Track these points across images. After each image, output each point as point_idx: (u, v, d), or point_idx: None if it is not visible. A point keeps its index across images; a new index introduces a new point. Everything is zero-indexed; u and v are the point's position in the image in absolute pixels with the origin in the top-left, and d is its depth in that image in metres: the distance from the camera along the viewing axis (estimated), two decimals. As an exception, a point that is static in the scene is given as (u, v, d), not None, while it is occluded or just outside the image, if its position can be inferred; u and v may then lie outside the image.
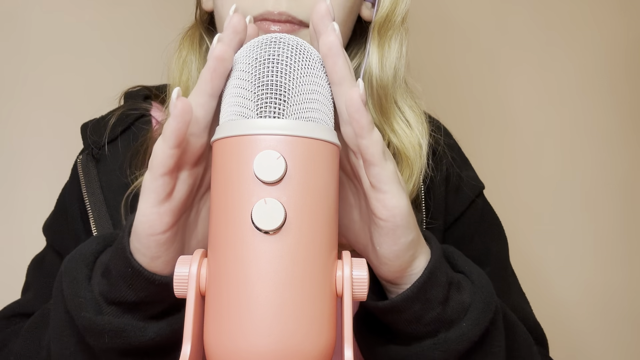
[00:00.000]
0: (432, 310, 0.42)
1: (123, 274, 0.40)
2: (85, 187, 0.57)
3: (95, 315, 0.40)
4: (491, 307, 0.44)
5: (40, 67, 0.89)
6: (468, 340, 0.43)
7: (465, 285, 0.44)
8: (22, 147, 0.89)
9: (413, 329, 0.43)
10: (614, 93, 1.07)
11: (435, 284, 0.42)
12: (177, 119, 0.34)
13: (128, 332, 0.40)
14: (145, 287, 0.40)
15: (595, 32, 1.07)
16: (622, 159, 1.07)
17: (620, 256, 1.07)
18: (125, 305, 0.41)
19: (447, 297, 0.43)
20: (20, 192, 0.88)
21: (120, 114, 0.61)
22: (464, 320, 0.43)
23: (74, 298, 0.41)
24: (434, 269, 0.42)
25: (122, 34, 0.91)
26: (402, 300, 0.42)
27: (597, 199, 1.06)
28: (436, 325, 0.43)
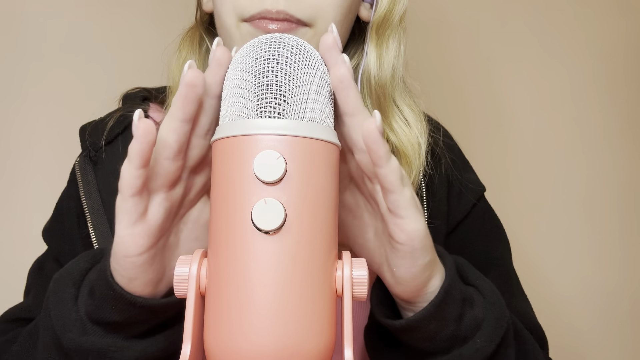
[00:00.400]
0: (447, 328, 0.43)
1: (106, 295, 0.40)
2: (82, 190, 0.57)
3: (80, 336, 0.41)
4: (503, 322, 0.45)
5: (40, 68, 0.89)
6: (482, 356, 0.43)
7: (477, 300, 0.45)
8: (22, 148, 0.89)
9: (427, 346, 0.44)
10: (614, 94, 1.07)
11: (450, 302, 0.42)
12: (140, 139, 0.34)
13: (112, 352, 0.41)
14: (127, 309, 0.40)
15: (595, 33, 1.07)
16: (621, 159, 1.07)
17: (620, 256, 1.07)
18: (110, 325, 0.41)
19: (462, 314, 0.43)
20: (21, 193, 0.88)
21: (118, 116, 0.61)
22: (478, 336, 0.43)
23: (60, 319, 0.42)
24: (449, 287, 0.42)
25: (122, 35, 0.92)
26: (418, 320, 0.42)
27: (597, 199, 1.06)
28: (450, 342, 0.43)
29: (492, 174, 1.00)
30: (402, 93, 0.57)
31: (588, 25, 1.07)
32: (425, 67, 0.99)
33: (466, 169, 0.65)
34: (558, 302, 1.04)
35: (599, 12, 1.07)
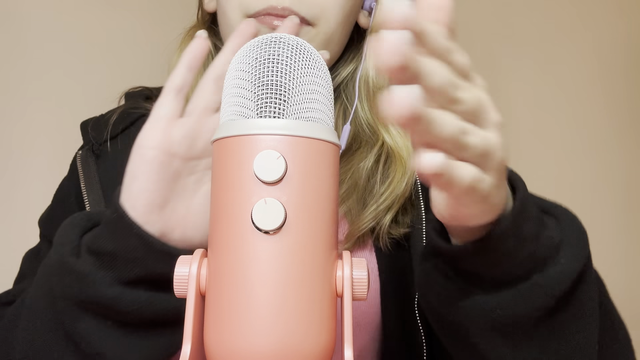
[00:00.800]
0: (525, 248, 0.37)
1: (108, 220, 0.41)
2: (84, 182, 0.58)
3: (69, 256, 0.41)
4: (585, 241, 0.39)
5: (40, 68, 0.89)
6: (570, 277, 0.37)
7: (548, 221, 0.39)
8: (23, 148, 0.89)
9: (504, 272, 0.37)
10: (613, 94, 1.07)
11: (527, 218, 0.37)
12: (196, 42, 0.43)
13: (89, 280, 0.40)
14: (123, 235, 0.40)
15: (595, 33, 1.07)
16: (620, 159, 1.07)
17: (620, 256, 1.07)
18: (102, 257, 0.41)
19: (539, 232, 0.38)
20: (21, 193, 0.88)
21: (121, 112, 0.62)
22: (561, 257, 0.37)
23: (59, 237, 0.42)
24: (525, 200, 0.37)
25: (123, 35, 0.92)
26: (495, 237, 0.36)
27: (597, 199, 1.06)
28: (529, 265, 0.37)
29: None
30: None
31: (588, 25, 1.07)
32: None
33: None
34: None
35: (599, 12, 1.07)
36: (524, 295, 0.37)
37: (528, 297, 0.37)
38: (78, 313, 0.41)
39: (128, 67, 0.90)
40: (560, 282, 0.37)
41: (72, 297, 0.41)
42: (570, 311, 0.38)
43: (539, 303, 0.37)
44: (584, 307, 0.39)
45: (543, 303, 0.37)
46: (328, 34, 0.54)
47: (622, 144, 1.07)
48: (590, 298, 0.39)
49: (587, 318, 0.39)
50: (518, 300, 0.37)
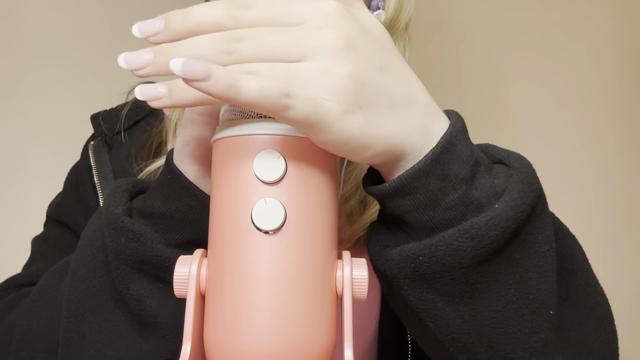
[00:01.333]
0: (453, 190, 0.34)
1: (161, 182, 0.41)
2: (96, 171, 0.58)
3: (123, 214, 0.41)
4: (533, 188, 0.35)
5: (41, 66, 0.89)
6: (502, 226, 0.33)
7: (500, 170, 0.36)
8: (23, 147, 0.89)
9: (432, 216, 0.35)
10: (614, 93, 1.07)
11: (454, 158, 0.34)
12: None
13: (145, 239, 0.40)
14: (178, 197, 0.40)
15: (596, 33, 1.07)
16: (622, 159, 1.07)
17: (620, 256, 1.07)
18: (155, 219, 0.41)
19: (474, 176, 0.35)
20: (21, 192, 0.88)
21: (132, 105, 0.63)
22: (497, 203, 0.34)
23: (110, 197, 0.42)
24: (451, 139, 0.34)
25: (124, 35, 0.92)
26: (412, 175, 0.34)
27: (597, 199, 1.06)
28: (461, 209, 0.34)
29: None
30: None
31: (588, 25, 1.07)
32: (424, 68, 0.99)
33: None
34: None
35: (599, 12, 1.07)
36: (448, 241, 0.34)
37: (453, 243, 0.34)
38: (131, 274, 0.41)
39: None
40: (490, 228, 0.33)
41: (127, 257, 0.40)
42: (501, 264, 0.35)
43: (465, 251, 0.33)
44: (523, 259, 0.35)
45: (470, 251, 0.33)
46: None
47: (623, 143, 1.07)
48: (535, 250, 0.35)
49: (530, 274, 0.35)
50: (441, 246, 0.34)
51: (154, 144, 0.60)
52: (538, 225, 0.36)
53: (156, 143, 0.60)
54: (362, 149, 0.32)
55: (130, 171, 0.58)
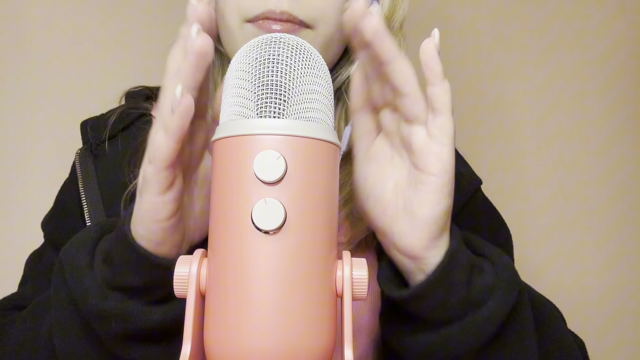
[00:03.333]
0: (456, 294, 0.41)
1: (127, 260, 0.40)
2: (82, 182, 0.57)
3: (102, 300, 0.41)
4: (515, 283, 0.43)
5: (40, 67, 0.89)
6: (496, 320, 0.41)
7: (486, 267, 0.43)
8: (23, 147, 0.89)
9: (439, 315, 0.42)
10: (615, 93, 1.07)
11: (458, 267, 0.41)
12: (182, 116, 0.35)
13: (134, 316, 0.40)
14: (150, 272, 0.40)
15: (596, 33, 1.07)
16: (622, 158, 1.07)
17: (620, 256, 1.07)
18: (130, 290, 0.41)
19: (470, 279, 0.42)
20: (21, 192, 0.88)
21: (120, 112, 0.62)
22: (490, 300, 0.41)
23: (78, 285, 0.41)
24: (454, 251, 0.41)
25: (123, 34, 0.91)
26: (426, 286, 0.40)
27: (597, 199, 1.06)
28: (462, 308, 0.41)
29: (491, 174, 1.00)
30: None
31: (590, 25, 1.07)
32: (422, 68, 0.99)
33: (462, 163, 0.65)
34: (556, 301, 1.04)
35: (600, 11, 1.07)
36: (454, 337, 0.41)
37: (457, 338, 0.41)
38: (129, 345, 0.42)
39: (128, 67, 0.90)
40: (488, 325, 0.41)
41: (121, 335, 0.41)
42: (499, 350, 0.42)
43: (467, 344, 0.41)
44: (512, 346, 0.43)
45: (472, 344, 0.41)
46: (328, 36, 0.53)
47: (623, 143, 1.07)
48: (521, 336, 0.43)
49: (519, 354, 0.43)
50: (449, 340, 0.41)
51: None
52: (521, 311, 0.43)
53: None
54: (451, 189, 0.40)
55: (118, 180, 0.57)
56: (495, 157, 1.02)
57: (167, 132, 0.36)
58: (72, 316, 0.43)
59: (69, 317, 0.43)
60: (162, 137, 0.36)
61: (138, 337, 0.41)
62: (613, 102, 1.07)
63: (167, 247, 0.40)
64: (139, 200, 0.39)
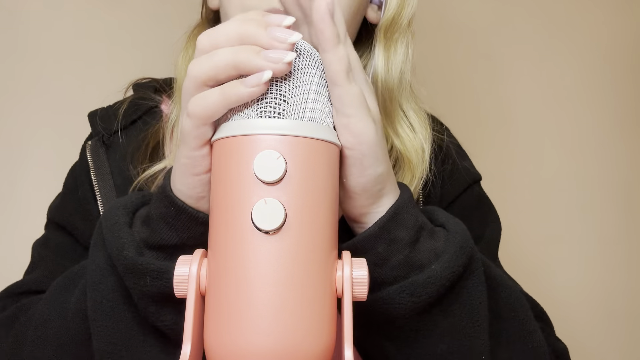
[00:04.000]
0: (398, 253, 0.40)
1: (165, 215, 0.40)
2: (94, 172, 0.58)
3: (137, 255, 0.40)
4: (465, 251, 0.41)
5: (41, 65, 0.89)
6: (437, 284, 0.40)
7: (440, 234, 0.43)
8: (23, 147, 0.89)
9: (381, 273, 0.41)
10: (615, 92, 1.07)
11: (400, 224, 0.40)
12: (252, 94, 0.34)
13: (170, 274, 0.40)
14: (188, 227, 0.40)
15: (597, 30, 1.07)
16: (622, 158, 1.07)
17: (620, 256, 1.07)
18: (166, 249, 0.41)
19: (416, 240, 0.41)
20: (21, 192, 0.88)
21: (130, 102, 0.62)
22: (435, 263, 0.41)
23: (116, 239, 0.41)
24: (399, 208, 0.40)
25: (127, 32, 0.91)
26: (363, 239, 0.40)
27: (597, 198, 1.06)
28: (405, 269, 0.41)
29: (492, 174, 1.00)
30: (409, 98, 0.57)
31: (590, 22, 1.06)
32: (424, 67, 0.99)
33: (463, 158, 0.65)
34: (557, 302, 1.04)
35: (600, 10, 1.07)
36: (391, 296, 0.40)
37: (395, 298, 0.40)
38: (161, 308, 0.41)
39: (130, 65, 0.90)
40: (426, 286, 0.40)
41: (154, 295, 0.40)
42: (442, 317, 0.42)
43: (406, 305, 0.40)
44: (456, 315, 0.42)
45: (410, 305, 0.40)
46: None
47: (624, 142, 1.07)
48: (467, 307, 0.42)
49: (464, 322, 0.42)
50: (387, 299, 0.41)
51: (151, 144, 0.59)
52: (470, 282, 0.42)
53: (152, 144, 0.59)
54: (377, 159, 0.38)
55: (127, 172, 0.57)
56: (495, 157, 1.02)
57: (225, 96, 0.35)
58: (106, 276, 0.42)
59: (103, 277, 0.42)
60: (216, 97, 0.35)
61: (170, 300, 0.40)
62: (613, 102, 1.07)
63: (207, 202, 0.39)
64: (178, 154, 0.39)
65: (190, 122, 0.36)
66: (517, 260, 0.64)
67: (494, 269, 0.48)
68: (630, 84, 1.08)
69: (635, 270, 1.07)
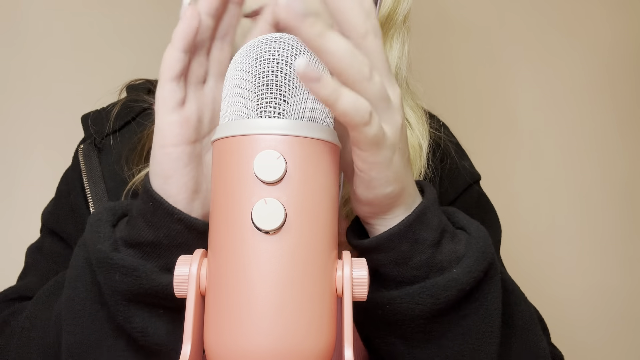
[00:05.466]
0: (421, 253, 0.40)
1: (143, 210, 0.40)
2: (86, 176, 0.57)
3: (111, 250, 0.40)
4: (486, 257, 0.42)
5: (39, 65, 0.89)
6: (457, 288, 0.40)
7: (462, 237, 0.43)
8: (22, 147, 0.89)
9: (401, 272, 0.41)
10: (615, 92, 1.07)
11: (425, 225, 0.40)
12: (186, 22, 0.36)
13: (140, 272, 0.39)
14: (164, 223, 0.39)
15: (597, 31, 1.07)
16: (622, 158, 1.07)
17: (620, 256, 1.07)
18: (142, 247, 0.40)
19: (439, 242, 0.41)
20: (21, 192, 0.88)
21: (122, 105, 0.62)
22: (456, 267, 0.41)
23: (94, 234, 0.41)
24: (424, 209, 0.40)
25: (122, 30, 0.91)
26: (388, 237, 0.40)
27: (597, 198, 1.06)
28: (426, 270, 0.41)
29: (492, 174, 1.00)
30: (405, 94, 0.58)
31: (590, 23, 1.07)
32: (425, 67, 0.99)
33: (463, 157, 0.65)
34: (557, 302, 1.04)
35: (601, 11, 1.07)
36: (411, 296, 0.40)
37: (415, 298, 0.40)
38: (130, 307, 0.41)
39: (129, 65, 0.90)
40: (447, 289, 0.40)
41: (124, 292, 0.40)
42: (457, 321, 0.42)
43: (425, 305, 0.40)
44: (471, 320, 0.42)
45: (429, 306, 0.40)
46: None
47: (624, 143, 1.07)
48: (482, 314, 0.42)
49: (478, 327, 0.42)
50: (406, 299, 0.41)
51: (146, 146, 0.58)
52: (488, 287, 0.42)
53: (148, 145, 0.58)
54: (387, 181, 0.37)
55: (121, 175, 0.57)
56: (495, 157, 1.02)
57: (172, 41, 0.37)
58: (84, 274, 0.42)
59: (81, 274, 0.42)
60: (168, 49, 0.37)
61: (141, 297, 0.40)
62: (613, 102, 1.07)
63: (175, 184, 0.39)
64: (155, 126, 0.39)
65: (159, 83, 0.38)
66: (516, 260, 0.64)
67: (507, 276, 0.49)
68: (631, 85, 1.08)
69: (635, 271, 1.07)
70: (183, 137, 0.38)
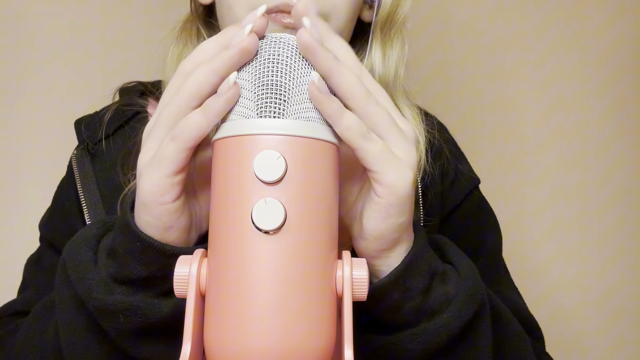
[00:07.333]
0: (412, 300, 0.41)
1: (131, 249, 0.39)
2: (80, 183, 0.56)
3: (106, 295, 0.39)
4: (476, 298, 0.42)
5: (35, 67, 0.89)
6: (448, 333, 0.41)
7: (451, 276, 0.43)
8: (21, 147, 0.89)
9: (392, 318, 0.42)
10: (615, 92, 1.07)
11: (415, 273, 0.40)
12: (228, 101, 0.35)
13: (143, 309, 0.39)
14: (155, 260, 0.39)
15: (596, 32, 1.07)
16: (622, 158, 1.07)
17: (621, 256, 1.07)
18: (136, 283, 0.40)
19: (429, 287, 0.41)
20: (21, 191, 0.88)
21: (115, 109, 0.60)
22: (446, 311, 0.41)
23: (82, 281, 0.40)
24: (414, 257, 0.40)
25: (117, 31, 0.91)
26: (379, 288, 0.40)
27: (597, 199, 1.06)
28: (416, 315, 0.41)
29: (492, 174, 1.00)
30: (401, 94, 0.58)
31: (590, 24, 1.06)
32: (425, 67, 0.99)
33: (462, 160, 0.65)
34: (557, 302, 1.04)
35: (601, 11, 1.07)
36: (403, 342, 0.41)
37: (406, 345, 0.41)
38: (139, 340, 0.41)
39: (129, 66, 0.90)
40: (438, 335, 0.41)
41: (130, 331, 0.40)
42: (449, 356, 0.43)
43: (416, 351, 0.41)
44: (465, 353, 0.43)
45: (421, 351, 0.41)
46: (339, 30, 0.52)
47: (624, 143, 1.07)
48: (474, 351, 0.43)
49: None
50: (398, 346, 0.42)
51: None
52: (478, 326, 0.43)
53: None
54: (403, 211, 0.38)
55: (116, 180, 0.56)
56: (495, 157, 1.02)
57: (206, 113, 0.35)
58: (76, 316, 0.42)
59: (73, 316, 0.42)
60: (199, 117, 0.35)
61: (149, 331, 0.40)
62: (613, 102, 1.07)
63: (175, 232, 0.39)
64: (143, 181, 0.37)
65: (173, 145, 0.36)
66: (517, 260, 0.64)
67: (499, 304, 0.49)
68: (631, 85, 1.08)
69: (635, 270, 1.07)
70: (181, 191, 0.38)
